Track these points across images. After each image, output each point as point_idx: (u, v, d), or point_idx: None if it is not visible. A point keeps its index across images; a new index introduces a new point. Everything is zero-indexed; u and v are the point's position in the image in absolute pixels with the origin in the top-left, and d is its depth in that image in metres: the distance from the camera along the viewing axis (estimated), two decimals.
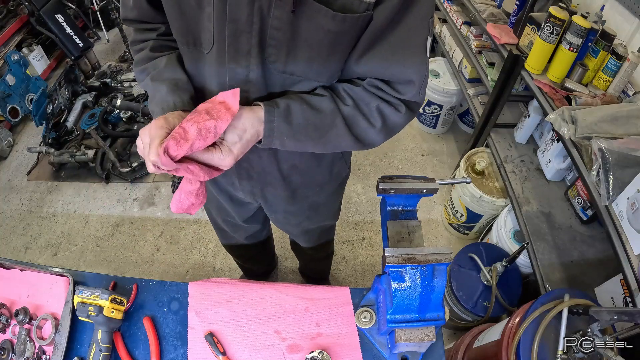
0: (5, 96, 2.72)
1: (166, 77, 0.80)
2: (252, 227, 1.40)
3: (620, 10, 1.60)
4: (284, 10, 0.64)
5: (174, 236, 2.33)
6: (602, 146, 1.18)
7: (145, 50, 0.86)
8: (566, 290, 1.14)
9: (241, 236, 1.45)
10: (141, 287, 1.01)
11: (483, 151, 2.15)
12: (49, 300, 0.99)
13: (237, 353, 0.91)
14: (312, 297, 0.99)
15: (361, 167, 2.68)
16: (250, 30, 0.67)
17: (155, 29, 0.86)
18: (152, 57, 0.86)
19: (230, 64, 0.72)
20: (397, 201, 0.88)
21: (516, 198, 1.77)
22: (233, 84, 0.74)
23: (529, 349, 1.07)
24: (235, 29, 0.68)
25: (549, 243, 1.62)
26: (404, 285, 0.73)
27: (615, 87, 1.46)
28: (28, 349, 0.93)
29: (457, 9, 2.45)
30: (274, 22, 0.66)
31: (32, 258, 2.27)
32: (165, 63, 0.82)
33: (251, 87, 0.75)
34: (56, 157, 2.61)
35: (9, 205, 2.54)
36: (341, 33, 0.68)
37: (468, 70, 2.35)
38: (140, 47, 0.88)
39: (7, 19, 2.86)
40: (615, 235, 1.15)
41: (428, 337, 0.76)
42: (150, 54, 0.86)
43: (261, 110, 0.72)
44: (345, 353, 0.91)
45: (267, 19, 0.66)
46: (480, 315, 1.61)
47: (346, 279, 2.16)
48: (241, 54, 0.71)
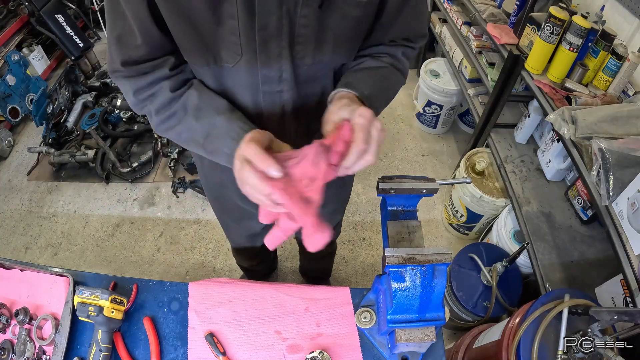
0: (6, 96, 2.72)
1: (215, 106, 0.74)
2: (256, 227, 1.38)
3: (620, 11, 1.60)
4: (312, 7, 0.65)
5: (174, 236, 2.33)
6: (603, 146, 1.18)
7: (161, 94, 0.75)
8: (566, 291, 1.14)
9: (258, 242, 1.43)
10: (141, 287, 1.01)
11: (483, 151, 2.15)
12: (49, 301, 0.99)
13: (237, 353, 0.91)
14: (312, 297, 0.99)
15: None
16: (279, 33, 0.67)
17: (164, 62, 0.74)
18: (175, 98, 0.75)
19: (263, 70, 0.72)
20: (397, 201, 0.88)
21: (516, 198, 1.77)
22: (266, 88, 0.76)
23: (529, 349, 1.07)
24: (265, 36, 0.67)
25: (549, 243, 1.62)
26: (404, 285, 0.73)
27: (615, 87, 1.46)
28: (28, 349, 0.93)
29: (457, 9, 2.45)
30: (301, 21, 0.67)
31: (32, 258, 2.27)
32: (198, 95, 0.75)
33: (284, 85, 0.77)
34: (56, 157, 2.61)
35: (9, 206, 2.54)
36: (364, 16, 0.73)
37: (468, 70, 2.35)
38: (151, 94, 0.75)
39: (7, 19, 2.86)
40: (615, 235, 1.15)
41: (428, 337, 0.76)
42: (171, 96, 0.75)
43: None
44: (346, 353, 0.91)
45: (295, 18, 0.66)
46: (480, 315, 1.61)
47: (346, 279, 2.16)
48: (272, 58, 0.71)
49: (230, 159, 0.68)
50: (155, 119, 0.77)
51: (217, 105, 0.75)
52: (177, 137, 0.78)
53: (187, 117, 0.74)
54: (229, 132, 0.70)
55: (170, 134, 0.78)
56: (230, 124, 0.71)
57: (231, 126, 0.70)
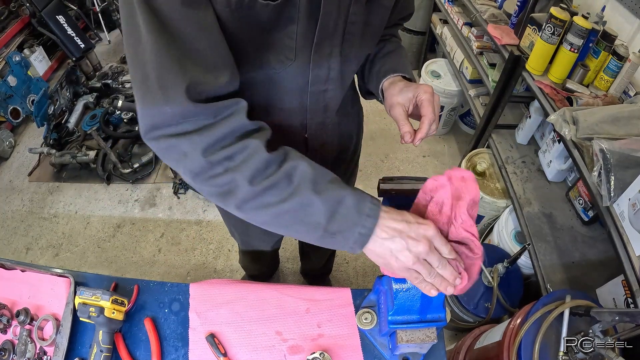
0: (7, 97, 2.72)
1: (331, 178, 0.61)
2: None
3: (621, 11, 1.60)
4: (361, 3, 0.67)
5: (175, 237, 2.33)
6: (604, 147, 1.18)
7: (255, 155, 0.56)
8: (567, 291, 1.14)
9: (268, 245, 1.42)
10: (142, 288, 1.01)
11: (484, 152, 2.15)
12: (50, 301, 0.99)
13: (238, 354, 0.91)
14: (313, 298, 0.99)
15: (362, 168, 2.68)
16: (334, 33, 0.68)
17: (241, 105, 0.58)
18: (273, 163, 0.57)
19: (314, 70, 0.73)
20: (398, 202, 0.88)
21: (517, 199, 1.77)
22: (314, 89, 0.76)
23: (531, 350, 1.07)
24: (322, 37, 0.67)
25: (550, 244, 1.61)
26: (405, 286, 0.73)
27: (616, 87, 1.46)
28: (29, 350, 0.93)
29: (458, 10, 2.45)
30: (351, 18, 0.68)
31: (33, 259, 2.27)
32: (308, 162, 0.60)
33: (330, 84, 0.78)
34: (57, 158, 2.62)
35: (10, 206, 2.55)
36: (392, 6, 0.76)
37: (469, 71, 2.35)
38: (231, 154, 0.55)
39: (8, 20, 2.86)
40: (616, 236, 1.15)
41: (429, 338, 0.76)
42: (269, 158, 0.57)
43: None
44: (346, 354, 0.91)
45: (347, 17, 0.68)
46: (481, 316, 1.61)
47: (347, 280, 2.15)
48: (324, 58, 0.71)
49: (364, 239, 0.59)
50: (244, 192, 0.56)
51: (332, 177, 0.62)
52: (275, 218, 0.59)
53: (300, 192, 0.57)
54: (360, 206, 0.59)
55: (263, 213, 0.59)
56: (359, 196, 0.60)
57: (364, 198, 0.60)
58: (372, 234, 0.59)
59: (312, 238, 0.61)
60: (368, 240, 0.59)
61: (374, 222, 0.58)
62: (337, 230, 0.59)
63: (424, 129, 0.75)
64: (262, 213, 0.59)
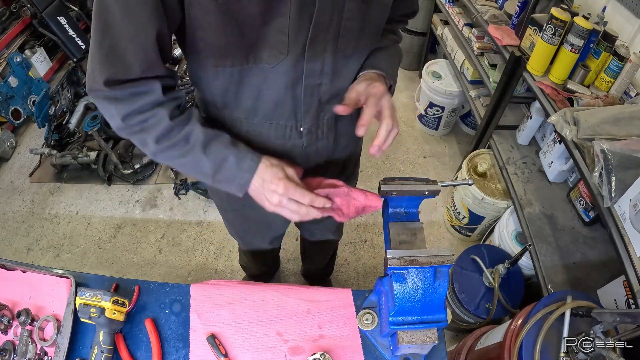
0: (8, 98, 2.73)
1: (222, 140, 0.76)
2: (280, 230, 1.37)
3: (622, 12, 1.60)
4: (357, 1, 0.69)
5: (176, 238, 2.33)
6: (604, 147, 1.18)
7: (160, 122, 0.71)
8: (568, 292, 1.14)
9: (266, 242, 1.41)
10: (143, 288, 1.01)
11: (485, 153, 2.15)
12: (50, 302, 0.99)
13: (239, 355, 0.91)
14: (314, 299, 0.98)
15: (363, 168, 2.68)
16: (328, 28, 0.70)
17: (156, 85, 0.69)
18: (175, 128, 0.73)
19: (308, 64, 0.75)
20: (399, 203, 0.88)
21: (518, 200, 1.77)
22: (308, 82, 0.78)
23: (532, 351, 1.07)
24: (316, 32, 0.69)
25: (551, 245, 1.61)
26: (406, 287, 0.73)
27: (617, 88, 1.46)
28: (30, 350, 0.93)
29: (459, 10, 2.46)
30: (347, 14, 0.70)
31: (34, 259, 2.28)
32: (203, 129, 0.75)
33: (324, 78, 0.79)
34: (58, 159, 2.62)
35: (11, 207, 2.55)
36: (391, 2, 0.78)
37: (470, 71, 2.35)
38: (143, 120, 0.71)
39: (9, 21, 2.87)
40: (617, 236, 1.15)
41: (430, 339, 0.76)
42: (171, 124, 0.72)
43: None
44: (347, 355, 0.91)
45: (342, 13, 0.69)
46: (482, 317, 1.61)
47: (348, 281, 2.15)
48: (318, 53, 0.73)
49: (243, 187, 0.77)
50: (152, 147, 0.73)
51: (222, 135, 0.77)
52: (178, 166, 0.78)
53: (193, 151, 0.74)
54: (241, 160, 0.76)
55: (169, 162, 0.78)
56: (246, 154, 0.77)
57: (245, 156, 0.76)
58: (249, 184, 0.76)
59: (207, 183, 0.81)
60: (246, 188, 0.77)
61: (250, 176, 0.76)
62: (222, 180, 0.77)
63: (380, 136, 0.81)
64: (169, 163, 0.78)
